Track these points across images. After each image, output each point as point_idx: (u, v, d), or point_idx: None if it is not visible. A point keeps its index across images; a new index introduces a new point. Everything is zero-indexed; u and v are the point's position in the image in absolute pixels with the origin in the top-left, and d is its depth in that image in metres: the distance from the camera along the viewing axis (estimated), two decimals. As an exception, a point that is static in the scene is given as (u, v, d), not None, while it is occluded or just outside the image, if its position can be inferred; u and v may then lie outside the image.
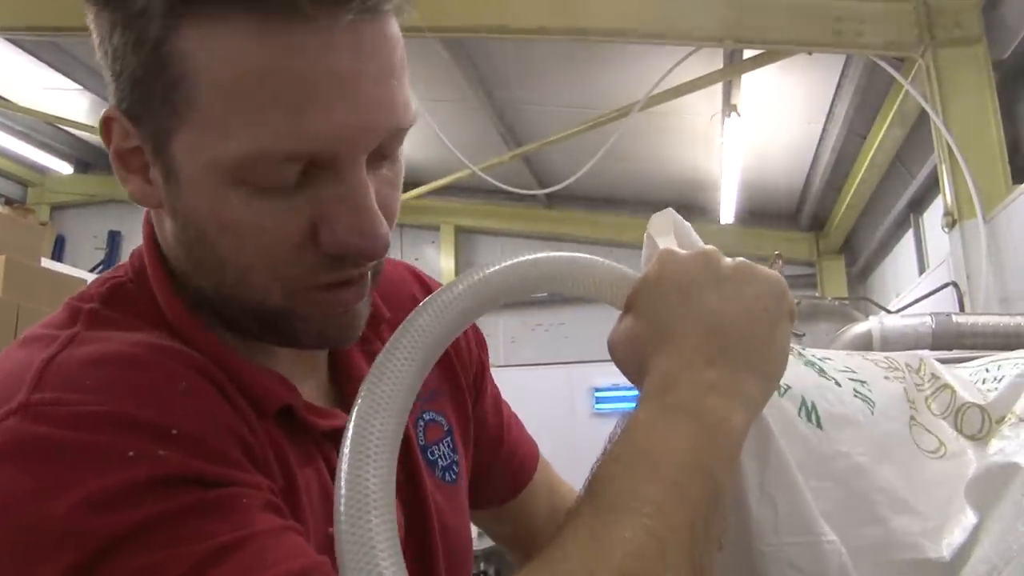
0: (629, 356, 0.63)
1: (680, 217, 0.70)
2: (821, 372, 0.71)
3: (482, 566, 5.55)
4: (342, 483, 0.50)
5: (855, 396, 0.69)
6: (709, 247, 0.65)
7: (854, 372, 0.73)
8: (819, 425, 0.65)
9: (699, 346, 0.59)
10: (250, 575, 0.50)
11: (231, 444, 0.57)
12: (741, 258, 0.64)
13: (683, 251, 0.64)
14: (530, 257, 0.61)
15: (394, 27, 0.59)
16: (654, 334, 0.61)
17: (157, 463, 0.52)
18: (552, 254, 0.63)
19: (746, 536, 0.61)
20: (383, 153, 0.60)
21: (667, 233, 0.68)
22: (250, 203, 0.57)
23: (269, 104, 0.54)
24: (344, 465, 0.51)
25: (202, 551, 0.49)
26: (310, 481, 0.64)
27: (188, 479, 0.52)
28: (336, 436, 0.66)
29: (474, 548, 0.86)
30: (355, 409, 0.53)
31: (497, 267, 0.59)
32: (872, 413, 0.68)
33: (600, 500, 0.52)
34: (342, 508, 0.50)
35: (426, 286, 0.86)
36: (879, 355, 0.79)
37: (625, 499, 0.52)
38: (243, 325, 0.65)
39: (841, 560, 0.60)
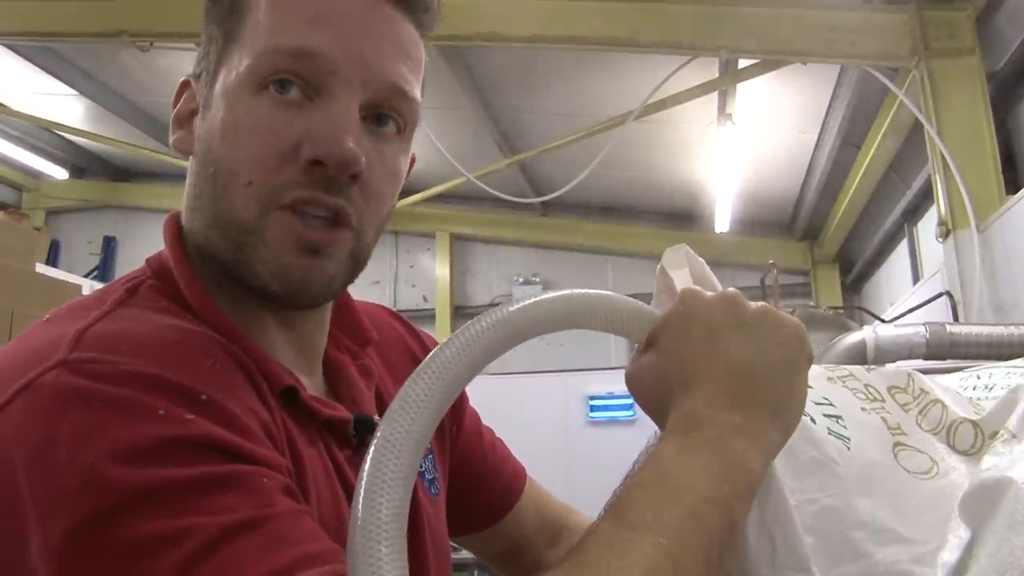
0: (650, 391, 0.65)
1: (694, 253, 0.71)
2: None
3: (475, 574, 5.54)
4: (357, 513, 0.51)
5: (829, 434, 0.69)
6: (732, 289, 0.67)
7: (831, 405, 0.72)
8: None
9: (723, 390, 0.61)
10: (268, 553, 0.51)
11: (252, 420, 0.59)
12: (763, 303, 0.66)
13: (707, 292, 0.66)
14: (549, 296, 0.62)
15: (416, 34, 0.72)
16: (679, 373, 0.63)
17: (185, 425, 0.54)
18: (571, 292, 0.63)
19: (744, 567, 0.63)
20: (380, 111, 0.69)
21: (681, 267, 0.69)
22: (255, 107, 0.66)
23: (296, 16, 0.66)
24: (359, 497, 0.51)
25: (222, 524, 0.51)
26: (315, 461, 0.66)
27: (212, 447, 0.54)
28: (335, 426, 0.70)
29: (466, 558, 0.87)
30: (373, 444, 0.54)
31: (518, 306, 0.60)
32: (848, 449, 0.68)
33: (623, 519, 0.54)
34: (356, 537, 0.50)
35: (405, 323, 0.93)
36: (863, 375, 0.79)
37: (647, 521, 0.53)
38: (232, 276, 0.68)
39: None
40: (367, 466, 0.52)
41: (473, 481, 0.91)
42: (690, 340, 0.63)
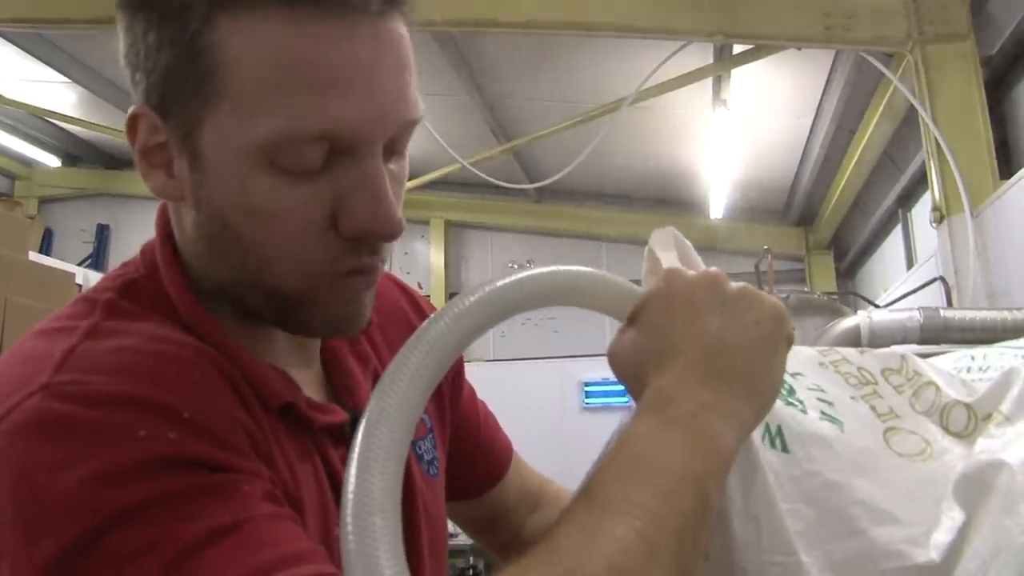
0: (629, 368, 0.65)
1: (681, 235, 0.72)
2: (790, 392, 0.71)
3: (471, 560, 5.56)
4: (350, 486, 0.51)
5: (822, 419, 0.69)
6: (713, 269, 0.67)
7: (822, 391, 0.73)
8: (784, 449, 0.66)
9: (698, 366, 0.61)
10: (246, 556, 0.51)
11: (238, 433, 0.59)
12: (744, 283, 0.66)
13: (689, 271, 0.66)
14: (538, 271, 0.62)
15: (404, 28, 0.64)
16: (656, 350, 0.63)
17: (166, 444, 0.54)
18: (558, 268, 0.64)
19: (729, 553, 0.63)
20: (393, 148, 0.65)
21: (669, 249, 0.70)
22: (275, 187, 0.61)
23: (298, 89, 0.58)
24: (352, 469, 0.52)
25: (200, 530, 0.51)
26: (307, 477, 0.66)
27: (194, 462, 0.55)
28: (333, 431, 0.70)
29: (462, 543, 0.87)
30: (365, 415, 0.55)
31: (506, 281, 0.61)
32: (842, 431, 0.69)
33: (595, 500, 0.54)
34: (348, 510, 0.51)
35: (407, 293, 0.91)
36: (856, 358, 0.79)
37: (619, 501, 0.53)
38: (258, 313, 0.67)
39: None
40: (358, 438, 0.53)
41: (466, 454, 0.92)
42: (669, 318, 0.64)
